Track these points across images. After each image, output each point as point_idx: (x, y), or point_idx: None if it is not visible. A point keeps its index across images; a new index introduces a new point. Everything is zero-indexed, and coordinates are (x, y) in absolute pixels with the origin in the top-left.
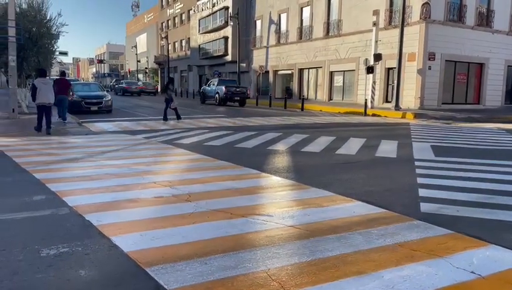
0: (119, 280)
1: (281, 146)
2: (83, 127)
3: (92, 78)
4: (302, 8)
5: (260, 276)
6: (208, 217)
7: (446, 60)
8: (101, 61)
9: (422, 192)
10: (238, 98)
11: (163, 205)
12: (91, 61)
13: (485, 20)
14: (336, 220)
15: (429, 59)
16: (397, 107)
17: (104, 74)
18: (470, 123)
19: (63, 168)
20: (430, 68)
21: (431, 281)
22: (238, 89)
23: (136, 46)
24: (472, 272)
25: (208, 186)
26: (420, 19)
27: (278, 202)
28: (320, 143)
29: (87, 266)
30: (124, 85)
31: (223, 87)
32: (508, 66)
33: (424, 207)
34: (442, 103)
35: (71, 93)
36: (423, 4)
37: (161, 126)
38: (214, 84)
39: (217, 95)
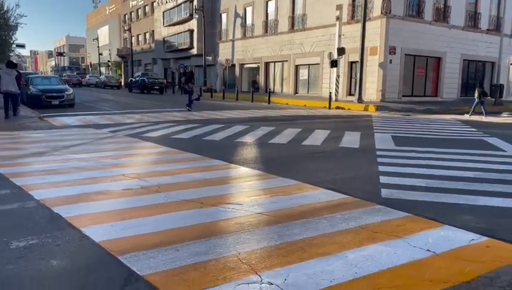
0: (92, 268)
1: (248, 138)
2: (45, 121)
3: (51, 71)
4: (267, 2)
5: (231, 260)
6: (179, 207)
7: (406, 54)
8: (60, 54)
9: (383, 179)
10: (157, 87)
11: (133, 196)
12: (50, 54)
13: (442, 15)
14: (302, 207)
15: (390, 53)
16: (360, 100)
17: (64, 67)
18: (428, 115)
19: (28, 162)
20: (391, 62)
21: (390, 259)
22: (156, 80)
23: (97, 39)
24: (427, 250)
25: (177, 178)
26: (381, 14)
27: (247, 191)
28: (287, 135)
29: (58, 256)
30: (65, 78)
31: (145, 78)
32: (464, 60)
33: (385, 193)
34: (403, 96)
35: (24, 84)
36: (384, 0)
37: (126, 120)
38: (138, 76)
39: (141, 84)
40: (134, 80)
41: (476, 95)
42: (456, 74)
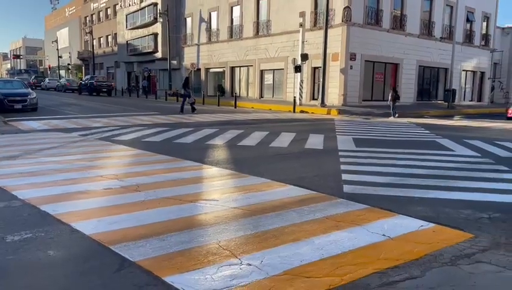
0: (87, 256)
1: (218, 141)
2: (10, 125)
3: (6, 74)
4: (232, 7)
5: (213, 247)
6: (159, 203)
7: (365, 60)
8: (17, 57)
9: (345, 176)
10: (105, 89)
11: (114, 195)
12: (5, 57)
13: (398, 24)
14: (273, 201)
15: (351, 59)
16: (323, 104)
17: (21, 70)
18: (386, 118)
19: (3, 165)
20: (351, 68)
21: (351, 242)
22: (104, 83)
23: (56, 41)
24: (383, 235)
25: (154, 178)
26: (342, 21)
27: (222, 189)
28: (255, 138)
29: (54, 247)
30: None
31: (93, 81)
32: (419, 66)
33: (346, 188)
34: (363, 100)
35: None
36: (344, 8)
37: (93, 124)
38: (87, 80)
39: (90, 86)
40: (83, 82)
41: (390, 98)
42: (413, 79)
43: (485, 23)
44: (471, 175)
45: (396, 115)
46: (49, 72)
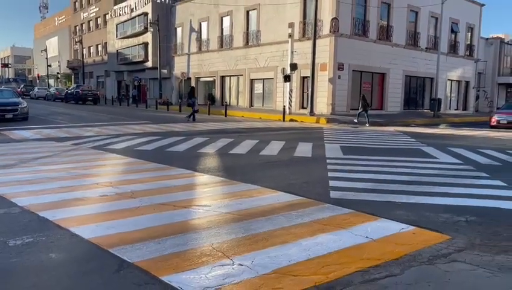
0: (88, 258)
1: (210, 149)
2: (2, 135)
3: None
4: (222, 18)
5: (207, 249)
6: (154, 209)
7: (353, 70)
8: (5, 66)
9: (332, 183)
10: (91, 98)
11: (110, 201)
12: None
13: (385, 34)
14: (263, 207)
15: (339, 69)
16: (312, 113)
17: (9, 78)
18: (373, 127)
19: (0, 174)
20: (339, 77)
21: (337, 244)
22: (89, 91)
23: (46, 50)
24: (366, 237)
25: (148, 185)
26: (330, 32)
27: (214, 195)
28: (245, 146)
29: (55, 250)
30: None
31: (79, 90)
32: (406, 75)
33: (333, 194)
34: (351, 109)
35: None
36: (332, 19)
37: (85, 133)
38: (73, 88)
39: (76, 95)
40: (69, 91)
41: (360, 105)
42: (399, 88)
43: (469, 34)
44: (452, 181)
45: (356, 120)
46: (37, 81)
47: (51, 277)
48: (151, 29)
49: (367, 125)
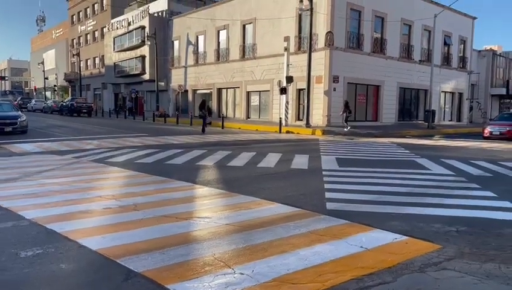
0: (97, 269)
1: (208, 162)
2: (2, 148)
3: None
4: (218, 31)
5: (208, 259)
6: (157, 221)
7: (348, 83)
8: (2, 78)
9: (328, 194)
10: (85, 110)
11: (114, 214)
12: None
13: (379, 47)
14: (262, 218)
15: (334, 81)
16: (308, 124)
17: (6, 91)
18: (368, 138)
19: (5, 187)
20: (335, 90)
21: (332, 254)
22: (84, 104)
23: (43, 63)
24: (361, 246)
25: (150, 198)
26: (325, 45)
27: (214, 207)
28: (243, 158)
29: (65, 261)
30: None
31: (74, 103)
32: (400, 87)
33: (329, 206)
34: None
35: None
36: (327, 33)
37: (85, 146)
38: (68, 101)
39: (70, 107)
40: (64, 104)
41: (342, 112)
42: (394, 100)
43: (461, 46)
44: (444, 192)
45: (348, 128)
46: (34, 94)
47: (63, 286)
48: (149, 43)
49: (345, 130)
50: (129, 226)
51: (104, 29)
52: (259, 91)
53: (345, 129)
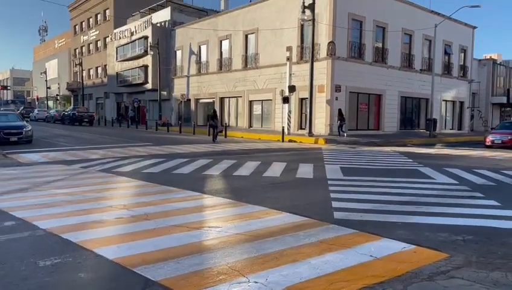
0: (115, 277)
1: (214, 171)
2: (9, 158)
3: None
4: (221, 41)
5: (223, 268)
6: (169, 231)
7: (350, 92)
8: (4, 88)
9: (334, 204)
10: (87, 120)
11: (127, 224)
12: None
13: (380, 57)
14: (271, 227)
15: (336, 91)
16: (310, 133)
17: (8, 100)
18: (371, 147)
19: (17, 197)
20: (337, 99)
21: (343, 262)
22: (85, 113)
23: (45, 72)
24: (370, 255)
25: (160, 208)
26: (327, 55)
27: (223, 217)
28: (249, 167)
29: (83, 270)
30: None
31: (75, 112)
32: (401, 96)
33: (337, 215)
34: (349, 129)
35: None
36: (329, 43)
37: (91, 155)
38: (70, 110)
39: (72, 117)
40: (66, 113)
41: (337, 120)
42: (395, 109)
43: (462, 55)
44: (448, 201)
45: (345, 134)
46: (37, 103)
47: None
48: (151, 52)
49: (341, 135)
50: (142, 236)
51: (107, 39)
52: (262, 100)
53: (344, 136)
